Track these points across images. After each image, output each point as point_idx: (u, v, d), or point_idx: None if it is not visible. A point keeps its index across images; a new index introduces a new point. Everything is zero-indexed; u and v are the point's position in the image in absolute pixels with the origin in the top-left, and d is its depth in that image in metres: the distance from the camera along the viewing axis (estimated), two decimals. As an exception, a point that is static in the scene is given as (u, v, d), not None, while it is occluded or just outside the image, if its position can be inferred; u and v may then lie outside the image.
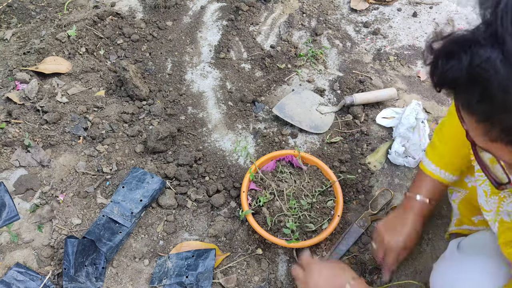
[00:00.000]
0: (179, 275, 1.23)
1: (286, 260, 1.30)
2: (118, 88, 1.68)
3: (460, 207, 1.13)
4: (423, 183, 1.14)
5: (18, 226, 1.33)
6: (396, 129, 1.53)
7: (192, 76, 1.79)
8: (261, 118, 1.65)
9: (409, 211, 1.14)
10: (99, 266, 1.24)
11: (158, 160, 1.50)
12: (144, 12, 1.99)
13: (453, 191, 1.12)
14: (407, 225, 1.13)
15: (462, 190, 1.09)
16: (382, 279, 1.20)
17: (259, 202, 1.31)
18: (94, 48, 1.81)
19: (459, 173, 1.09)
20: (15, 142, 1.47)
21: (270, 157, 1.41)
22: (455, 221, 1.21)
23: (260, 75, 1.79)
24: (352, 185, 1.45)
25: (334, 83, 1.75)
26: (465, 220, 1.14)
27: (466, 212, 1.12)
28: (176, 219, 1.38)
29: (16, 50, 1.76)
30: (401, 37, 1.92)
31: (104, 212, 1.32)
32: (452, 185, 1.12)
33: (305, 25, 1.97)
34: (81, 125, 1.54)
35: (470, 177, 1.04)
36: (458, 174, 1.09)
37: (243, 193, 1.31)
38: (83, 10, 1.97)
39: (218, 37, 1.92)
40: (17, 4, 1.94)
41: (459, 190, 1.09)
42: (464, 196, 1.08)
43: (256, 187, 1.36)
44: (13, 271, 1.22)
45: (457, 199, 1.13)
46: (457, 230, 1.20)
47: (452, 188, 1.12)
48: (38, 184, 1.41)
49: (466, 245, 0.96)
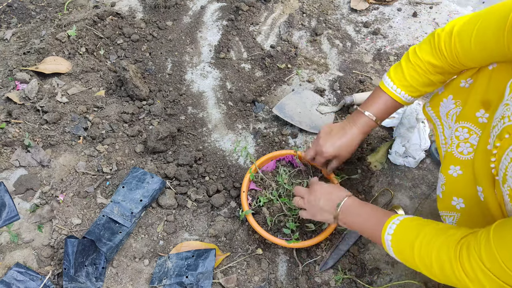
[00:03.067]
0: (179, 275, 1.23)
1: (286, 260, 1.31)
2: (118, 88, 1.68)
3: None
4: (376, 100, 1.15)
5: (18, 226, 1.33)
6: (396, 129, 1.53)
7: (192, 76, 1.79)
8: (261, 118, 1.65)
9: (353, 124, 1.18)
10: (99, 266, 1.24)
11: (158, 160, 1.50)
12: (144, 12, 1.99)
13: (445, 217, 1.05)
14: (346, 136, 1.18)
15: (454, 214, 1.02)
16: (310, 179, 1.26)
17: (259, 202, 1.31)
18: (94, 48, 1.81)
19: (418, 96, 1.11)
20: (15, 142, 1.47)
21: (270, 157, 1.41)
22: None
23: (260, 75, 1.79)
24: (352, 185, 1.45)
25: (334, 83, 1.75)
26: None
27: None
28: (176, 219, 1.38)
29: (16, 50, 1.76)
30: (401, 37, 1.92)
31: (104, 212, 1.32)
32: (442, 210, 1.06)
33: (305, 25, 1.97)
34: (81, 125, 1.54)
35: (457, 199, 0.99)
36: (416, 96, 1.11)
37: (243, 193, 1.31)
38: (83, 10, 1.97)
39: (218, 37, 1.92)
40: (17, 4, 1.94)
41: (451, 214, 1.03)
42: (458, 219, 1.02)
43: (256, 187, 1.36)
44: (13, 271, 1.22)
45: (453, 223, 1.08)
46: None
47: (443, 214, 1.05)
48: (38, 184, 1.41)
49: None
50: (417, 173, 1.48)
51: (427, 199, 1.43)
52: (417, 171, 1.49)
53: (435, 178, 1.48)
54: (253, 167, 1.37)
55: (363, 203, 1.05)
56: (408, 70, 1.08)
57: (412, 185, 1.46)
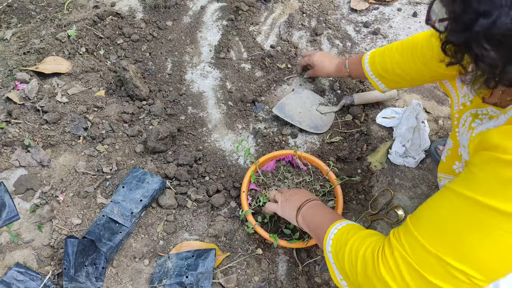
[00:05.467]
0: (179, 275, 1.23)
1: (286, 260, 1.30)
2: (118, 88, 1.68)
3: None
4: (356, 66, 1.40)
5: (18, 226, 1.33)
6: (396, 129, 1.53)
7: (192, 76, 1.79)
8: (261, 118, 1.65)
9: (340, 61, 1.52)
10: (99, 266, 1.24)
11: (158, 160, 1.50)
12: (144, 12, 1.99)
13: (442, 179, 1.13)
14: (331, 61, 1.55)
15: (451, 177, 1.10)
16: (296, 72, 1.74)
17: (259, 202, 1.31)
18: (94, 48, 1.81)
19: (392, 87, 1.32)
20: (15, 142, 1.47)
21: (270, 157, 1.41)
22: None
23: (260, 75, 1.79)
24: (352, 185, 1.45)
25: (334, 83, 1.75)
26: None
27: None
28: (176, 219, 1.38)
29: (16, 50, 1.76)
30: (401, 37, 1.92)
31: (104, 212, 1.32)
32: (441, 172, 1.14)
33: (305, 25, 1.97)
34: (81, 125, 1.54)
35: (458, 164, 1.05)
36: (390, 88, 1.33)
37: (243, 193, 1.31)
38: (83, 10, 1.97)
39: (218, 37, 1.92)
40: (17, 4, 1.94)
41: (448, 177, 1.11)
42: None
43: (256, 187, 1.36)
44: (13, 271, 1.22)
45: None
46: None
47: (441, 175, 1.13)
48: (38, 184, 1.41)
49: None
50: (417, 173, 1.48)
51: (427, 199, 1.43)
52: (417, 171, 1.49)
53: (435, 178, 1.48)
54: (253, 167, 1.37)
55: (322, 205, 1.07)
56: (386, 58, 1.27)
57: (412, 185, 1.46)
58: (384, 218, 1.38)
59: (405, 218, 1.38)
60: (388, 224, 1.38)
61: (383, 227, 1.37)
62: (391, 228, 1.36)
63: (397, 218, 1.38)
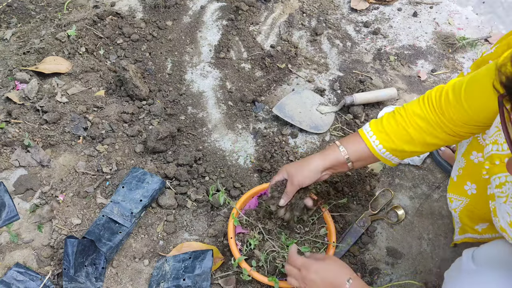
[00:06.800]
0: (176, 278, 1.21)
1: (286, 260, 1.30)
2: (118, 88, 1.68)
3: (461, 216, 1.09)
4: (353, 139, 1.10)
5: (18, 226, 1.33)
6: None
7: (192, 76, 1.78)
8: (261, 118, 1.65)
9: (319, 155, 1.12)
10: (99, 266, 1.24)
11: (158, 160, 1.50)
12: (144, 12, 1.99)
13: (453, 200, 1.08)
14: (309, 163, 1.11)
15: (463, 199, 1.05)
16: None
17: (249, 245, 1.24)
18: (94, 48, 1.81)
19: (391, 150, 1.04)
20: (15, 142, 1.47)
21: (250, 195, 1.32)
22: (458, 230, 1.17)
23: (260, 75, 1.79)
24: (353, 185, 1.45)
25: (334, 83, 1.75)
26: (468, 229, 1.11)
27: (468, 221, 1.08)
28: (176, 219, 1.37)
29: (16, 50, 1.76)
30: (401, 37, 1.92)
31: (104, 212, 1.32)
32: (452, 193, 1.08)
33: (305, 25, 1.97)
34: (81, 125, 1.54)
35: (470, 184, 1.00)
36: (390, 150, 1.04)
37: (230, 239, 1.23)
38: (83, 10, 1.97)
39: (218, 37, 1.92)
40: (17, 4, 1.94)
41: (460, 198, 1.06)
42: (465, 205, 1.04)
43: (243, 230, 1.27)
44: (13, 271, 1.22)
45: (457, 208, 1.08)
46: (462, 240, 1.18)
47: (452, 196, 1.08)
48: (38, 184, 1.41)
49: (481, 256, 0.90)
50: (417, 173, 1.48)
51: (427, 199, 1.43)
52: (417, 171, 1.49)
53: (435, 178, 1.48)
54: (235, 211, 1.27)
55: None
56: (388, 118, 1.05)
57: (412, 185, 1.46)
58: (384, 218, 1.37)
59: (405, 218, 1.39)
60: (388, 224, 1.38)
61: (383, 227, 1.37)
62: (391, 228, 1.36)
63: (397, 218, 1.38)
